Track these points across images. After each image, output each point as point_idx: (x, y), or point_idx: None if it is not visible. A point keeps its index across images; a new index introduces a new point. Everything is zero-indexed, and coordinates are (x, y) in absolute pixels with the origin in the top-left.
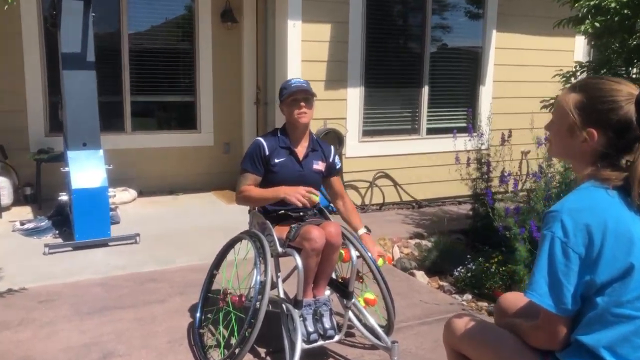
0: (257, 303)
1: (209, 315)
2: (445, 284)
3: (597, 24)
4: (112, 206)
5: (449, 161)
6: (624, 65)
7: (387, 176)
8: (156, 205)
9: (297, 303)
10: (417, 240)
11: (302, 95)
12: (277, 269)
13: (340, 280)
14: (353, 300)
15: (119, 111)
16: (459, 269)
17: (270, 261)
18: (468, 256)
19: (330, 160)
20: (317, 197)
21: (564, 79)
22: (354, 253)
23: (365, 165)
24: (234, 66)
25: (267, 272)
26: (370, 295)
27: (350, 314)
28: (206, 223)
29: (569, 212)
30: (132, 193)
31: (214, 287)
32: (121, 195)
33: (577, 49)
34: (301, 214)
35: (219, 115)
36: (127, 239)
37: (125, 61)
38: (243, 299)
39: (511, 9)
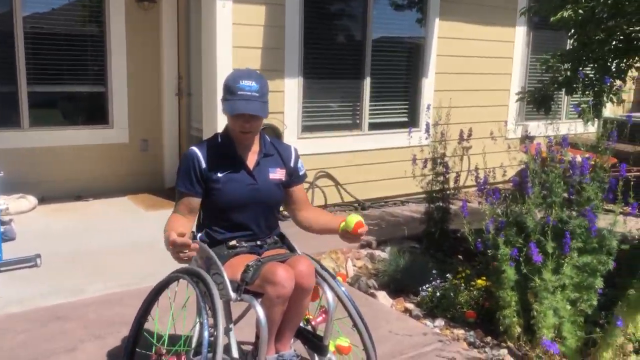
0: None
1: None
2: (411, 306)
3: (580, 10)
4: (6, 219)
5: (392, 159)
6: (610, 58)
7: (328, 175)
8: (61, 214)
9: None
10: (369, 251)
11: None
12: (229, 319)
13: (309, 325)
14: (328, 355)
15: (13, 103)
16: (425, 288)
17: (221, 310)
18: (434, 271)
19: (292, 164)
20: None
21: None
22: (330, 295)
23: (306, 164)
24: (151, 52)
25: (217, 327)
26: (343, 342)
27: None
28: (124, 237)
29: None
30: (31, 200)
31: (143, 341)
32: (17, 204)
33: (517, 40)
34: (259, 243)
35: (134, 108)
36: (24, 262)
37: (20, 46)
38: (183, 359)
39: None
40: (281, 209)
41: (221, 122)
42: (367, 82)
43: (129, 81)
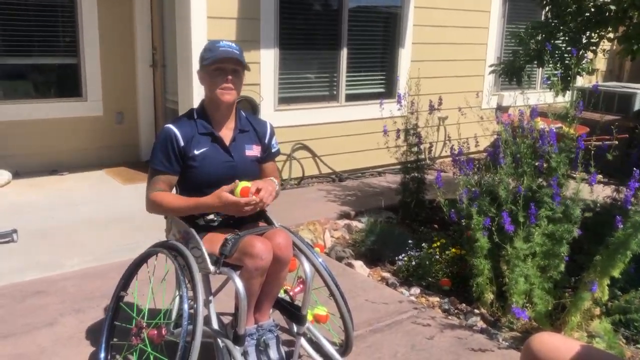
0: (188, 338)
1: (117, 356)
2: (387, 275)
3: None
4: None
5: (369, 130)
6: (577, 30)
7: (305, 147)
8: (37, 189)
9: (237, 338)
10: (347, 221)
11: (230, 66)
12: (208, 291)
13: (287, 296)
14: (307, 324)
15: None
16: (401, 257)
17: (200, 284)
18: (410, 241)
19: (266, 141)
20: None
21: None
22: (307, 266)
23: (283, 136)
24: (124, 22)
25: (198, 300)
26: (321, 311)
27: (303, 340)
28: (101, 211)
29: None
30: (5, 175)
31: (123, 315)
32: None
33: (493, 10)
34: (236, 217)
35: (108, 80)
36: (0, 238)
37: None
38: (164, 332)
39: None
40: None
41: (197, 94)
42: (344, 52)
43: (101, 52)
